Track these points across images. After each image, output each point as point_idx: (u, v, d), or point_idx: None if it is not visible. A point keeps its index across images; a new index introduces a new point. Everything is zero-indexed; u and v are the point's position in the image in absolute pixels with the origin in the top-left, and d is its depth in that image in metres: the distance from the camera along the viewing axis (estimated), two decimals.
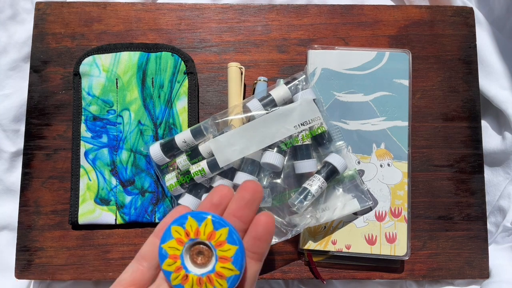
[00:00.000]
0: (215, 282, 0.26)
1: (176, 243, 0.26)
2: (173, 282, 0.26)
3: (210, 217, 0.26)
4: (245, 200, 0.26)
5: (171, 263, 0.26)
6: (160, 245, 0.26)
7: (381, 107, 0.46)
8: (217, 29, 0.50)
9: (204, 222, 0.26)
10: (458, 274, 0.47)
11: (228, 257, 0.25)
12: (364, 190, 0.44)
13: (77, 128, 0.46)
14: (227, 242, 0.25)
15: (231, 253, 0.25)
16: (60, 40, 0.49)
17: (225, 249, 0.26)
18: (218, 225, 0.26)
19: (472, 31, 0.50)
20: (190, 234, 0.26)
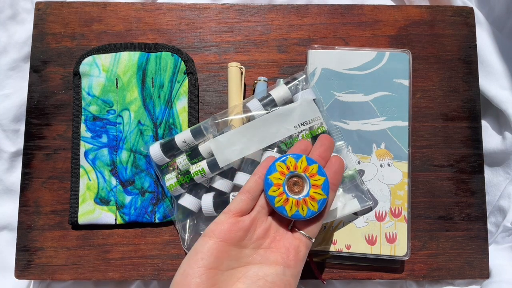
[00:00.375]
0: (309, 203, 0.34)
1: (279, 175, 0.34)
2: (277, 204, 0.34)
3: (304, 156, 0.35)
4: (326, 145, 0.37)
5: (275, 190, 0.34)
6: (266, 176, 0.34)
7: (381, 107, 0.46)
8: (217, 29, 0.50)
9: (300, 160, 0.35)
10: (458, 274, 0.47)
11: (319, 185, 0.34)
12: (364, 190, 0.44)
13: (77, 128, 0.46)
14: (317, 174, 0.34)
15: (321, 182, 0.34)
16: (60, 40, 0.49)
17: (316, 179, 0.34)
18: (310, 162, 0.35)
19: (472, 31, 0.50)
20: (290, 168, 0.35)
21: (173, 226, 0.47)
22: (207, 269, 0.32)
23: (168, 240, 0.46)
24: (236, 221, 0.34)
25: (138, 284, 0.48)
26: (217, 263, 0.32)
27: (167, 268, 0.46)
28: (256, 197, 0.35)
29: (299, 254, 0.34)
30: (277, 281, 0.33)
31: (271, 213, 0.36)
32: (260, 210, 0.35)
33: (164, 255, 0.46)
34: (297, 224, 0.36)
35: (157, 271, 0.46)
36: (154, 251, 0.46)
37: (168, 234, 0.46)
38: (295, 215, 0.34)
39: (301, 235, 0.35)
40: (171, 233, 0.46)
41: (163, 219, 0.46)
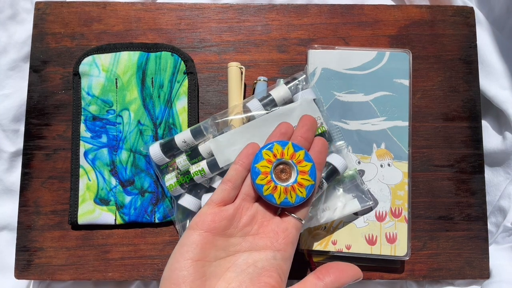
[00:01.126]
0: (297, 190, 0.34)
1: (266, 163, 0.34)
2: (265, 192, 0.34)
3: (290, 143, 0.34)
4: (308, 126, 0.36)
5: (263, 178, 0.34)
6: (253, 164, 0.34)
7: (381, 107, 0.46)
8: (217, 29, 0.50)
9: (287, 146, 0.34)
10: (458, 274, 0.46)
11: (306, 171, 0.34)
12: (365, 190, 0.44)
13: (76, 128, 0.46)
14: (304, 160, 0.34)
15: (308, 168, 0.34)
16: (60, 40, 0.49)
17: (303, 165, 0.34)
18: (297, 148, 0.34)
19: (473, 31, 0.50)
20: (277, 155, 0.34)
21: (173, 226, 0.46)
22: (193, 261, 0.31)
23: (168, 240, 0.46)
24: (219, 211, 0.33)
25: (138, 284, 0.48)
26: (204, 255, 0.32)
27: None
28: (238, 185, 0.34)
29: (289, 237, 0.34)
30: (267, 266, 0.32)
31: (257, 200, 0.35)
32: (244, 197, 0.35)
33: (164, 255, 0.46)
34: (286, 209, 0.35)
35: (157, 271, 0.46)
36: (154, 251, 0.46)
37: (168, 234, 0.46)
38: (284, 203, 0.34)
39: (290, 217, 0.35)
40: (171, 233, 0.46)
41: (163, 219, 0.46)
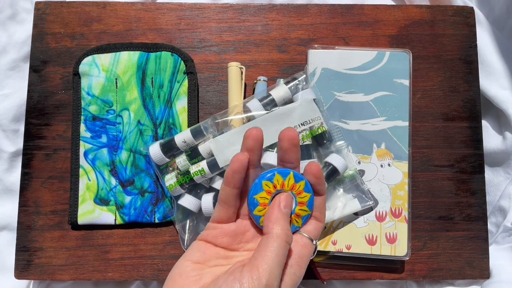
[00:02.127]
0: (294, 221, 0.34)
1: (266, 194, 0.33)
2: (262, 223, 0.33)
3: (292, 173, 0.33)
4: (289, 145, 0.33)
5: (261, 210, 0.33)
6: (251, 196, 0.33)
7: (381, 107, 0.46)
8: (217, 28, 0.50)
9: (288, 177, 0.33)
10: (458, 275, 0.46)
11: (305, 202, 0.34)
12: (365, 190, 0.44)
13: (76, 128, 0.46)
14: (304, 191, 0.33)
15: (307, 199, 0.33)
16: (60, 40, 0.49)
17: (302, 196, 0.33)
18: (297, 179, 0.33)
19: (473, 30, 0.50)
20: (277, 186, 0.33)
21: (173, 226, 0.46)
22: (193, 263, 0.32)
23: (168, 240, 0.46)
24: (221, 228, 0.34)
25: (138, 284, 0.48)
26: (204, 259, 0.32)
27: (167, 268, 0.46)
28: (233, 204, 0.33)
29: (295, 253, 0.33)
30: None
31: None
32: (245, 215, 0.35)
33: (164, 255, 0.46)
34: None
35: (157, 271, 0.46)
36: (154, 251, 0.46)
37: (168, 234, 0.46)
38: None
39: (301, 236, 0.34)
40: (171, 233, 0.46)
41: (163, 219, 0.46)
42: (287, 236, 0.30)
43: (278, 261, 0.29)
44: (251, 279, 0.28)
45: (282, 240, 0.30)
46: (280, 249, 0.30)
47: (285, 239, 0.30)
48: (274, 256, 0.29)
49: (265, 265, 0.28)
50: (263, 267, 0.28)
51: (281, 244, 0.30)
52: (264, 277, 0.28)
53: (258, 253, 0.30)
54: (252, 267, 0.28)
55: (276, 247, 0.29)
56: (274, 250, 0.29)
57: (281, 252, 0.29)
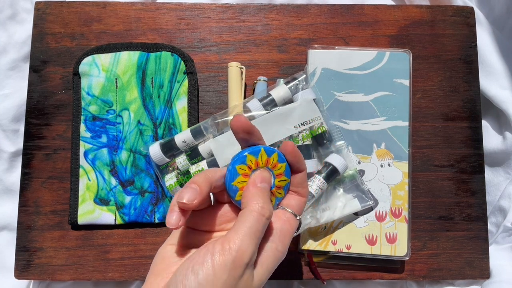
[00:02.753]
0: (276, 193, 0.33)
1: (243, 178, 0.32)
2: (237, 198, 0.32)
3: (262, 149, 0.32)
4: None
5: (240, 194, 0.32)
6: (229, 183, 0.32)
7: (381, 107, 0.46)
8: (217, 28, 0.50)
9: (260, 154, 0.32)
10: (458, 275, 0.46)
11: (282, 173, 0.33)
12: (365, 190, 0.44)
13: (76, 128, 0.46)
14: (278, 162, 0.33)
15: (283, 169, 0.33)
16: (60, 40, 0.49)
17: (278, 167, 0.33)
18: (269, 153, 0.32)
19: (473, 30, 0.50)
20: (252, 166, 0.32)
21: None
22: (174, 246, 0.31)
23: None
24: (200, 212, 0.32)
25: (138, 284, 0.48)
26: (187, 241, 0.32)
27: None
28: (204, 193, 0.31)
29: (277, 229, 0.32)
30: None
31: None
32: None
33: None
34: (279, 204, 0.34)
35: None
36: (154, 251, 0.46)
37: (168, 234, 0.46)
38: None
39: (284, 212, 0.32)
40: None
41: (163, 219, 0.46)
42: (263, 209, 0.30)
43: (251, 233, 0.28)
44: (222, 250, 0.27)
45: (258, 213, 0.29)
46: (254, 222, 0.29)
47: (260, 212, 0.29)
48: (247, 229, 0.28)
49: (237, 236, 0.28)
50: (235, 238, 0.28)
51: (256, 217, 0.29)
52: (234, 247, 0.27)
53: (233, 227, 0.29)
54: (224, 240, 0.28)
55: (250, 220, 0.29)
56: (247, 223, 0.29)
57: (255, 225, 0.29)
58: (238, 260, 0.27)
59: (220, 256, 0.27)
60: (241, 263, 0.27)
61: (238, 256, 0.27)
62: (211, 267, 0.27)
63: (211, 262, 0.27)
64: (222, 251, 0.27)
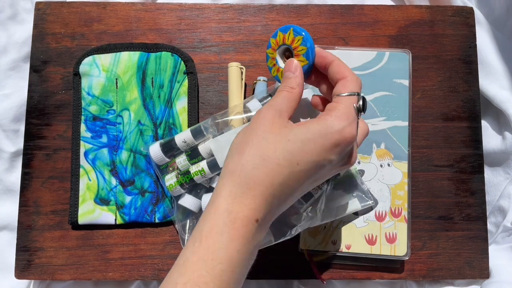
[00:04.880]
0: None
1: (271, 50, 0.38)
2: (273, 74, 0.38)
3: (292, 28, 0.36)
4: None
5: (272, 62, 0.38)
6: (266, 51, 0.38)
7: (381, 107, 0.46)
8: (217, 29, 0.50)
9: (288, 32, 0.36)
10: (458, 274, 0.47)
11: (300, 54, 0.36)
12: (365, 189, 0.44)
13: (77, 128, 0.46)
14: (300, 45, 0.36)
15: (304, 51, 0.35)
16: (60, 40, 0.49)
17: (299, 49, 0.36)
18: (296, 33, 0.36)
19: (472, 31, 0.50)
20: (279, 42, 0.37)
21: (173, 226, 0.47)
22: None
23: (168, 240, 0.46)
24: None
25: (138, 284, 0.48)
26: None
27: (167, 268, 0.46)
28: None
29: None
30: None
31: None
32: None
33: (164, 255, 0.46)
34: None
35: (157, 271, 0.46)
36: (154, 251, 0.46)
37: (168, 234, 0.46)
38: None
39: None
40: (171, 233, 0.46)
41: (163, 219, 0.46)
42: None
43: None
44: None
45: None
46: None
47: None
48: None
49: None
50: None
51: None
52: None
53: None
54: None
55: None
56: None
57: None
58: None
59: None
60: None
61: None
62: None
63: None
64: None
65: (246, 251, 0.30)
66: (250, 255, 0.31)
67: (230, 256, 0.29)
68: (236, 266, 0.29)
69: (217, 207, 0.30)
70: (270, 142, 0.31)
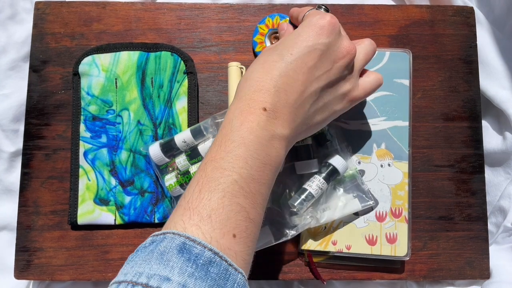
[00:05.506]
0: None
1: (260, 36, 0.46)
2: (257, 49, 0.47)
3: (277, 16, 0.47)
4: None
5: (260, 47, 0.47)
6: (252, 39, 0.47)
7: (381, 107, 0.46)
8: (217, 28, 0.50)
9: (275, 18, 0.46)
10: (458, 275, 0.46)
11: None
12: (365, 190, 0.44)
13: (76, 128, 0.46)
14: (281, 21, 0.46)
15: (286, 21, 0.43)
16: (60, 40, 0.49)
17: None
18: (282, 18, 0.46)
19: (473, 30, 0.50)
20: (269, 26, 0.46)
21: None
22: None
23: None
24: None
25: None
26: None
27: None
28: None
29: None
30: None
31: None
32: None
33: None
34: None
35: None
36: None
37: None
38: None
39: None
40: None
41: (163, 220, 0.45)
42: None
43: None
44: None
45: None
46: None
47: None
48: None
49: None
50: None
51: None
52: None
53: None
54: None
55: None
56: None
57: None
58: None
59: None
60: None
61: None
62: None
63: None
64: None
65: (259, 135, 0.31)
66: (267, 143, 0.32)
67: (242, 137, 0.31)
68: (249, 144, 0.31)
69: (227, 114, 0.33)
70: (268, 53, 0.35)
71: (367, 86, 0.38)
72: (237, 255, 0.29)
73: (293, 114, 0.33)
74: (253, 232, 0.31)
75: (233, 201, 0.29)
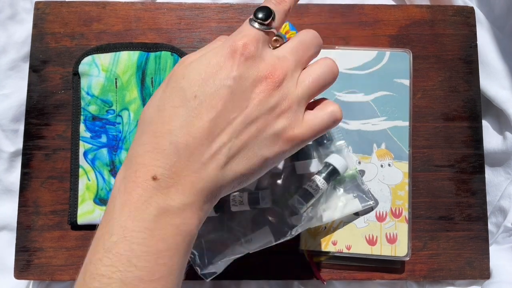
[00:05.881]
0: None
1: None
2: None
3: (287, 23, 0.42)
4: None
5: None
6: None
7: (381, 107, 0.46)
8: (217, 28, 0.49)
9: (284, 25, 0.42)
10: (459, 275, 0.46)
11: (292, 37, 0.35)
12: (365, 190, 0.44)
13: (76, 128, 0.46)
14: (290, 30, 0.42)
15: (294, 35, 0.38)
16: (60, 40, 0.49)
17: (290, 34, 0.41)
18: (291, 28, 0.42)
19: (473, 30, 0.50)
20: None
21: None
22: None
23: None
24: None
25: None
26: None
27: None
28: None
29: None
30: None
31: None
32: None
33: None
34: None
35: None
36: None
37: None
38: None
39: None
40: None
41: None
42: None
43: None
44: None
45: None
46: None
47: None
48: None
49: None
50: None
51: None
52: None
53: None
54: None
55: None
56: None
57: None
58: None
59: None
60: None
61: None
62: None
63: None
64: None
65: (146, 218, 0.25)
66: (159, 225, 0.25)
67: (122, 226, 0.25)
68: (132, 237, 0.25)
69: (114, 186, 0.27)
70: (169, 91, 0.27)
71: (316, 122, 0.29)
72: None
73: (198, 174, 0.26)
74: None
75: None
